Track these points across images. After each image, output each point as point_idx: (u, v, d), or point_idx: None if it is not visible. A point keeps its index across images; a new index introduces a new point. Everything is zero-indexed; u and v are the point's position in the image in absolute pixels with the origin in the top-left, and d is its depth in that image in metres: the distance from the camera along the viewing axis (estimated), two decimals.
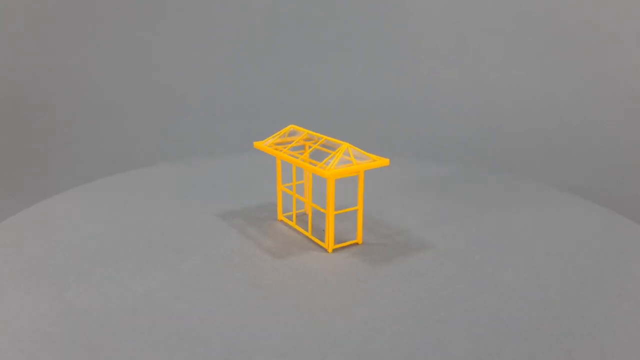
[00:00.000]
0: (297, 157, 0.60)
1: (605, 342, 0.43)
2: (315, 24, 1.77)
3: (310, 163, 0.59)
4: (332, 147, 0.61)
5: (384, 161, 0.57)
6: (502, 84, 1.69)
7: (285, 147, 0.64)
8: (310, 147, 0.65)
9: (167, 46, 1.80)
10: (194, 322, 0.46)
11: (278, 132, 0.67)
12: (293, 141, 0.65)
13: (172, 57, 1.80)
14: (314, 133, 0.65)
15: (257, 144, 0.65)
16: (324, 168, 0.55)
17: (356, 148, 0.58)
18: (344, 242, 0.61)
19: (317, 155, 0.65)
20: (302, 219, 0.69)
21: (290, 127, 0.67)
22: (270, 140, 0.66)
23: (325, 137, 0.63)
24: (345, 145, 0.57)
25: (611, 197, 1.32)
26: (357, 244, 0.61)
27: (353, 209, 0.62)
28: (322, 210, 0.60)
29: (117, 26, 1.79)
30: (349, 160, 0.57)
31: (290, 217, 0.68)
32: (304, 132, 0.65)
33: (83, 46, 1.78)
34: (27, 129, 1.69)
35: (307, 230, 0.64)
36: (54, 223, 0.67)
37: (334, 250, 0.60)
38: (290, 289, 0.52)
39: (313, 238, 0.62)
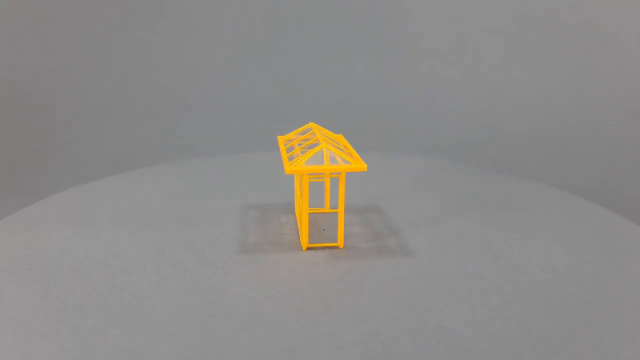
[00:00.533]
0: (288, 154, 0.60)
1: None
2: (315, 24, 1.77)
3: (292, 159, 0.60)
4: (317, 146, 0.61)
5: (361, 166, 0.56)
6: (502, 84, 1.68)
7: (290, 144, 0.64)
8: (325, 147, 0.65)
9: (167, 46, 1.80)
10: (124, 278, 0.54)
11: (297, 129, 0.67)
12: (296, 139, 0.66)
13: (172, 57, 1.80)
14: (325, 131, 0.65)
15: (281, 138, 0.66)
16: (294, 165, 0.55)
17: (336, 150, 0.57)
18: (331, 242, 0.61)
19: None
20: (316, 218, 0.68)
21: (310, 125, 0.67)
22: (289, 135, 0.67)
23: (320, 136, 0.63)
24: (322, 146, 0.57)
25: (611, 197, 1.32)
26: (337, 247, 0.60)
27: (334, 210, 0.61)
28: (297, 207, 0.60)
29: (117, 26, 1.79)
30: (335, 160, 0.57)
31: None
32: (317, 130, 0.65)
33: (83, 46, 1.78)
34: (27, 129, 1.69)
35: (309, 229, 0.64)
36: (55, 218, 0.68)
37: (311, 251, 0.59)
38: (220, 277, 0.54)
39: (301, 236, 0.62)
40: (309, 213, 0.67)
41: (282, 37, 1.78)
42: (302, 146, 0.62)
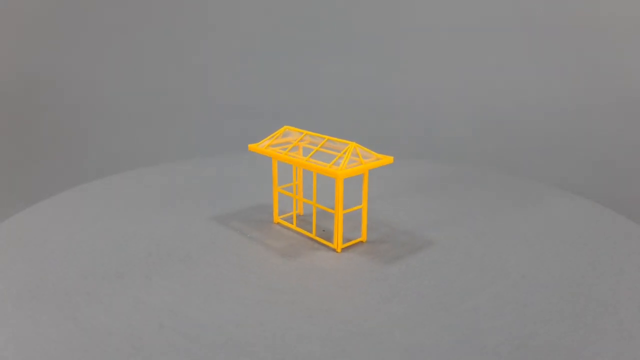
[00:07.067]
0: (301, 158, 0.60)
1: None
2: (316, 24, 1.77)
3: (317, 164, 0.58)
4: (336, 147, 0.61)
5: (388, 159, 0.59)
6: (502, 84, 1.68)
7: (283, 149, 0.63)
8: (302, 147, 0.65)
9: (167, 46, 1.80)
10: (222, 330, 0.44)
11: (273, 134, 0.66)
12: (291, 142, 0.65)
13: (173, 57, 1.80)
14: (312, 133, 0.64)
15: (252, 147, 0.65)
16: (333, 168, 0.55)
17: (362, 147, 0.59)
18: (348, 241, 0.61)
19: (319, 156, 0.65)
20: (300, 219, 0.68)
21: (285, 129, 0.66)
22: (266, 142, 0.65)
23: (327, 137, 0.62)
24: (352, 145, 0.57)
25: (611, 197, 1.32)
26: (362, 242, 0.62)
27: (358, 207, 0.62)
28: (330, 210, 0.59)
29: (117, 26, 1.79)
30: (355, 160, 0.57)
31: (288, 219, 0.68)
32: (302, 132, 0.65)
33: (83, 46, 1.78)
34: (27, 129, 1.69)
35: (310, 231, 0.64)
36: (53, 228, 0.67)
37: (345, 250, 0.60)
38: (306, 290, 0.51)
39: (317, 238, 0.62)
40: (291, 215, 0.67)
41: (282, 37, 1.78)
42: (315, 150, 0.61)
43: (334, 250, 0.59)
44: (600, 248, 0.61)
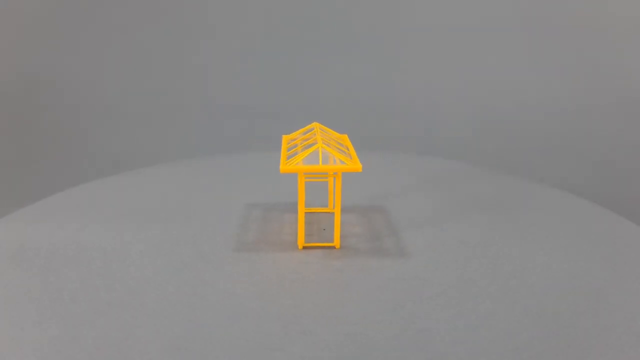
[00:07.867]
0: (288, 152, 0.60)
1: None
2: (316, 24, 1.77)
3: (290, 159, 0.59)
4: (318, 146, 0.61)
5: (356, 167, 0.55)
6: (502, 84, 1.68)
7: (292, 143, 0.64)
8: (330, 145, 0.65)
9: (167, 46, 1.80)
10: (120, 270, 0.55)
11: (302, 129, 0.67)
12: (294, 139, 0.66)
13: (173, 57, 1.80)
14: (328, 131, 0.65)
15: (285, 137, 0.67)
16: (289, 164, 0.56)
17: (333, 150, 0.57)
18: (328, 242, 0.61)
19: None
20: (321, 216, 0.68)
21: (313, 125, 0.67)
22: (293, 135, 0.67)
23: (321, 136, 0.62)
24: (318, 145, 0.57)
25: (611, 197, 1.32)
26: (334, 247, 0.60)
27: (330, 210, 0.61)
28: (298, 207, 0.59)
29: (118, 26, 1.79)
30: (331, 160, 0.57)
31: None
32: (312, 129, 0.65)
33: (83, 46, 1.78)
34: (27, 129, 1.69)
35: (303, 227, 0.64)
36: (52, 227, 0.67)
37: (307, 250, 0.59)
38: (212, 273, 0.55)
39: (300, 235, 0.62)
40: (309, 212, 0.67)
41: (282, 37, 1.78)
42: (301, 146, 0.62)
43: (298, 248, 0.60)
44: (600, 249, 0.61)
